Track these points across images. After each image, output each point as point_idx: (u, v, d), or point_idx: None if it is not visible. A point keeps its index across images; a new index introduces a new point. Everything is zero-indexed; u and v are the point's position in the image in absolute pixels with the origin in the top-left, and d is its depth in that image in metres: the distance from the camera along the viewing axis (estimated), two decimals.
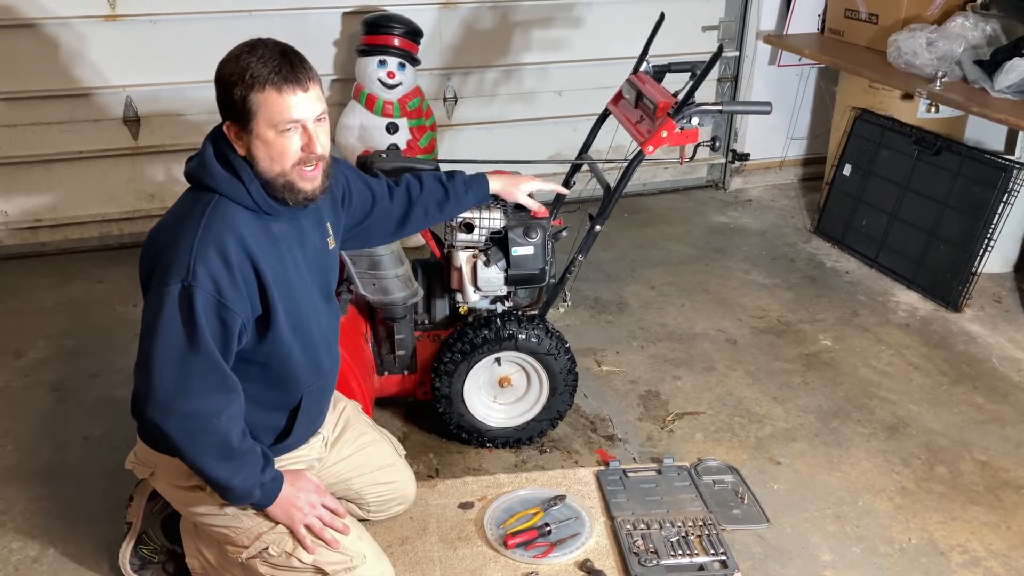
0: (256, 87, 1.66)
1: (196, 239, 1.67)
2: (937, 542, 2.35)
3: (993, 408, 2.93)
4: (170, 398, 1.66)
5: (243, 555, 1.91)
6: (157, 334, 1.65)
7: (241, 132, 1.71)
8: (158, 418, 1.67)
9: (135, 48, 3.83)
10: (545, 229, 2.56)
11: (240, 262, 1.70)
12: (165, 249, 1.68)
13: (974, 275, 3.52)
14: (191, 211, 1.72)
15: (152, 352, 1.65)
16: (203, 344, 1.66)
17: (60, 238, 4.10)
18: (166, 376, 1.66)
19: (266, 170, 1.73)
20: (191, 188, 1.80)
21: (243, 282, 1.71)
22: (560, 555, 2.26)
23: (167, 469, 1.90)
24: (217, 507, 1.88)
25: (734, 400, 2.97)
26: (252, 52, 1.69)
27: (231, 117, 1.71)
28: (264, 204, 1.76)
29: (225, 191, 1.73)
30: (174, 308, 1.64)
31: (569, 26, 4.35)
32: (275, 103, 1.67)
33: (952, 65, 3.65)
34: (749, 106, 2.63)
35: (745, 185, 4.97)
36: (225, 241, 1.68)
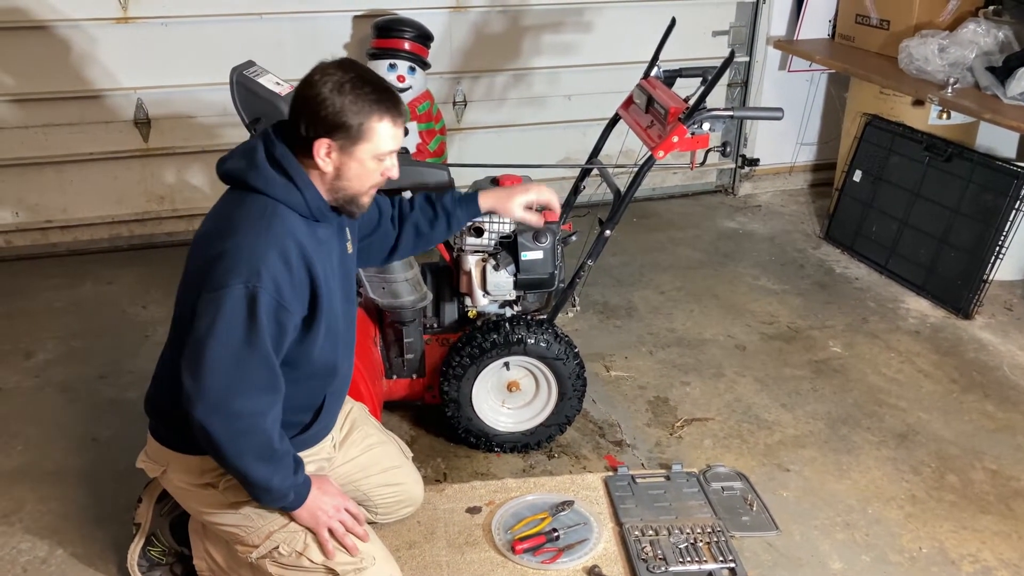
0: (374, 117, 1.73)
1: (259, 242, 1.69)
2: (948, 551, 2.34)
3: (1004, 416, 2.91)
4: (221, 397, 1.67)
5: (253, 555, 1.91)
6: (214, 334, 1.65)
7: (339, 152, 1.75)
8: (206, 417, 1.67)
9: (146, 50, 3.84)
10: (555, 234, 2.56)
11: (298, 265, 1.73)
12: (226, 251, 1.69)
13: (985, 282, 3.50)
14: (249, 215, 1.74)
15: (207, 352, 1.66)
16: (261, 345, 1.68)
17: (70, 239, 4.11)
18: (220, 376, 1.66)
19: (346, 188, 1.80)
20: (235, 189, 1.81)
21: (300, 284, 1.75)
22: (568, 561, 2.25)
23: (179, 467, 1.90)
24: (227, 506, 1.88)
25: (743, 406, 2.96)
26: (364, 81, 1.73)
27: (333, 136, 1.72)
28: (318, 211, 1.80)
29: (280, 196, 1.76)
30: (236, 309, 1.66)
31: (579, 30, 4.35)
32: (386, 135, 1.75)
33: (964, 71, 3.63)
34: (761, 112, 2.62)
35: (755, 190, 4.96)
36: (286, 245, 1.72)
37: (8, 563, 2.26)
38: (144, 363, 3.17)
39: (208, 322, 1.66)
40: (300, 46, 3.99)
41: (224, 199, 1.83)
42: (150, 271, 3.90)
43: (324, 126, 1.71)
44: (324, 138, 1.73)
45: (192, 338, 1.68)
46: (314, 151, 1.74)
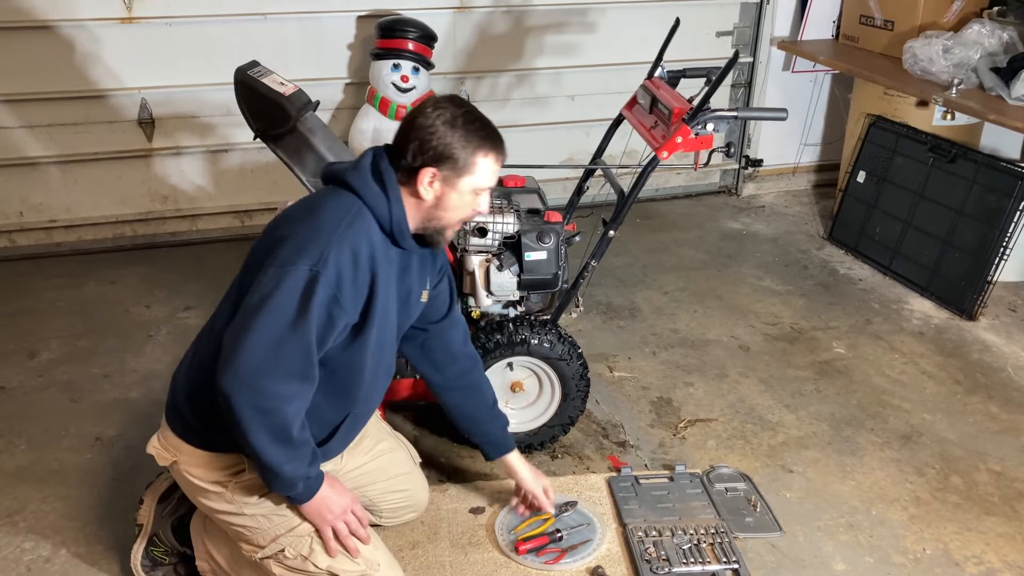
0: (481, 152, 1.81)
1: (337, 232, 1.73)
2: (952, 553, 2.33)
3: (1008, 418, 2.91)
4: (253, 370, 1.67)
5: (258, 555, 1.90)
6: (266, 308, 1.67)
7: (442, 182, 1.81)
8: (232, 386, 1.67)
9: (150, 50, 3.85)
10: (558, 234, 2.56)
11: (364, 268, 1.77)
12: (302, 232, 1.74)
13: (989, 284, 3.50)
14: (337, 207, 1.78)
15: (255, 323, 1.67)
16: (307, 329, 1.69)
17: (74, 239, 4.12)
18: (259, 349, 1.67)
19: (440, 217, 1.86)
20: (331, 185, 1.87)
21: (360, 287, 1.77)
22: (571, 561, 2.25)
23: (191, 461, 1.89)
24: (235, 505, 1.88)
25: (747, 407, 2.95)
26: (475, 118, 1.81)
27: (440, 166, 1.79)
28: (398, 230, 1.83)
29: (370, 203, 1.80)
30: (294, 287, 1.68)
31: (583, 31, 4.34)
32: (489, 171, 1.84)
33: (968, 72, 3.63)
34: (764, 112, 2.62)
35: (758, 191, 4.95)
36: (360, 244, 1.76)
37: (12, 562, 2.26)
38: (147, 363, 3.18)
39: (264, 294, 1.68)
40: (304, 46, 3.99)
41: (319, 193, 1.89)
42: (154, 271, 3.91)
43: (433, 156, 1.78)
44: (431, 167, 1.79)
45: (244, 306, 1.70)
46: (419, 178, 1.79)
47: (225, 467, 1.87)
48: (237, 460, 1.87)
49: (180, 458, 1.90)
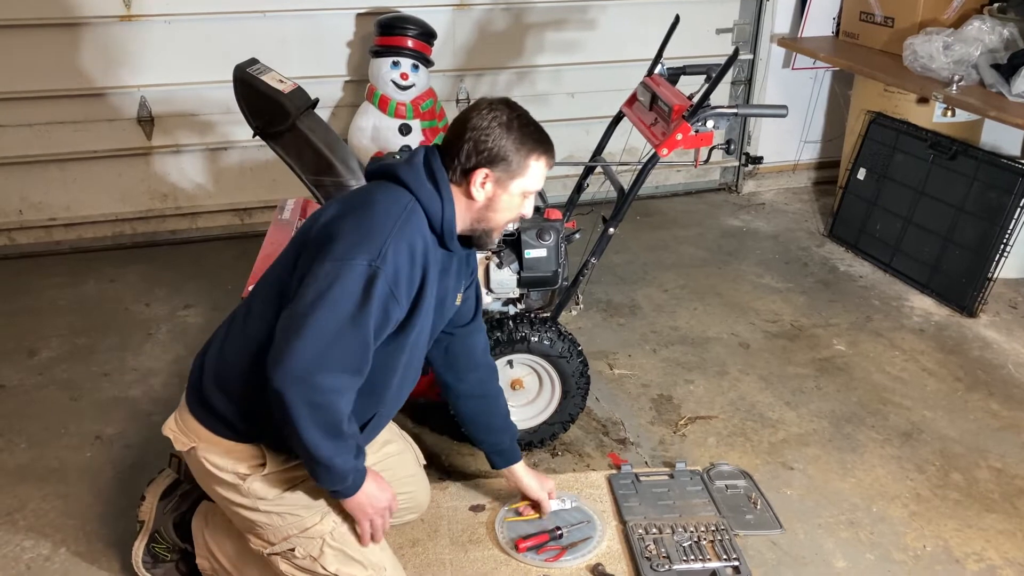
0: (535, 155, 1.84)
1: (395, 227, 1.73)
2: (952, 550, 2.33)
3: (1009, 415, 2.91)
4: (309, 367, 1.66)
5: (267, 550, 1.90)
6: (324, 303, 1.66)
7: (495, 184, 1.83)
8: (285, 382, 1.65)
9: (149, 48, 3.85)
10: (558, 231, 2.56)
11: (419, 264, 1.78)
12: (357, 226, 1.73)
13: (989, 280, 3.49)
14: (392, 202, 1.79)
15: (312, 318, 1.65)
16: (366, 324, 1.69)
17: (74, 237, 4.12)
18: (315, 344, 1.66)
19: (490, 219, 1.88)
20: (381, 180, 1.86)
21: (413, 283, 1.78)
22: (571, 559, 2.25)
23: (210, 447, 1.87)
24: (250, 500, 1.86)
25: (747, 405, 2.95)
26: (528, 121, 1.85)
27: (493, 167, 1.81)
28: (448, 230, 1.84)
29: (424, 201, 1.81)
30: (354, 282, 1.67)
31: (583, 28, 4.34)
32: (539, 174, 1.87)
33: (969, 69, 3.62)
34: (765, 109, 2.61)
35: (758, 188, 4.95)
36: (415, 240, 1.77)
37: (12, 560, 2.26)
38: (147, 361, 3.17)
39: (321, 289, 1.66)
40: (303, 44, 3.99)
41: (370, 187, 1.88)
42: (153, 269, 3.90)
43: (488, 157, 1.80)
44: (485, 168, 1.81)
45: (299, 302, 1.68)
46: (472, 178, 1.81)
47: (246, 459, 1.86)
48: (259, 453, 1.86)
49: (199, 444, 1.88)
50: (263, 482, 1.85)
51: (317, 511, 1.90)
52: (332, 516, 1.91)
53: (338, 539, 1.90)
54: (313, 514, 1.89)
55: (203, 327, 3.40)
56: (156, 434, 2.70)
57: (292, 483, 1.88)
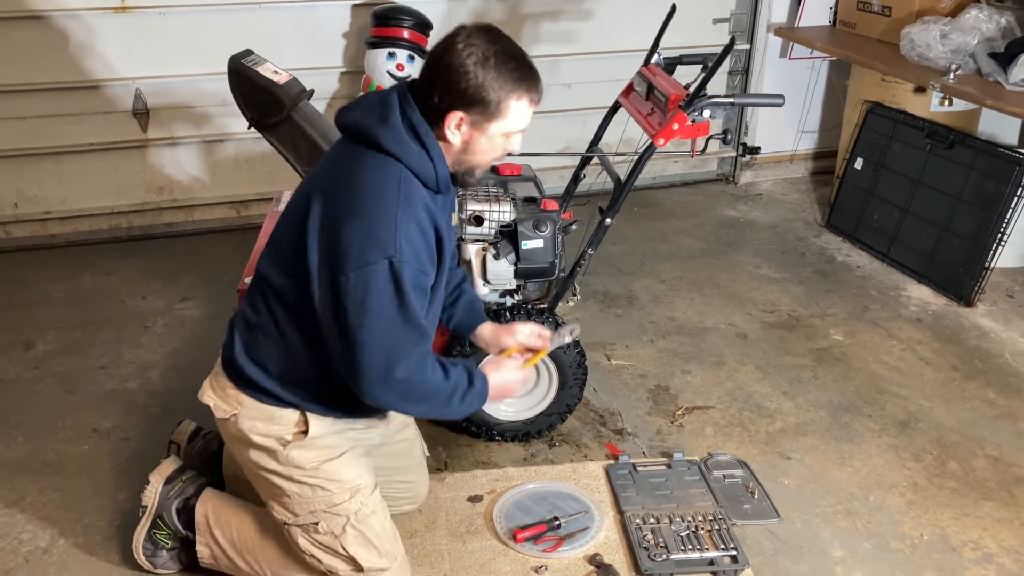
0: (515, 95, 1.70)
1: (398, 211, 1.67)
2: (949, 538, 2.33)
3: (1006, 404, 2.91)
4: (383, 371, 1.69)
5: (291, 520, 1.92)
6: (368, 312, 1.66)
7: (470, 127, 1.73)
8: (372, 391, 1.72)
9: (144, 40, 3.83)
10: (555, 222, 2.55)
11: (430, 230, 1.74)
12: (363, 224, 1.66)
13: (987, 269, 3.49)
14: (383, 181, 1.70)
15: (363, 332, 1.67)
16: (412, 312, 1.69)
17: (70, 230, 4.10)
18: (379, 351, 1.68)
19: (469, 160, 1.80)
20: (357, 143, 1.76)
21: (432, 249, 1.76)
22: (569, 549, 2.25)
23: (253, 414, 1.88)
24: (286, 468, 1.88)
25: (744, 395, 2.95)
26: (509, 56, 1.70)
27: (468, 110, 1.70)
28: (443, 182, 1.78)
29: (411, 163, 1.73)
30: (385, 283, 1.66)
31: (579, 18, 4.32)
32: (523, 114, 1.74)
33: (966, 58, 3.62)
34: (761, 98, 2.61)
35: (755, 179, 4.94)
36: (420, 212, 1.71)
37: (10, 553, 2.26)
38: (144, 354, 3.17)
39: (359, 301, 1.66)
40: (298, 35, 3.97)
41: (344, 156, 1.78)
42: (149, 262, 3.90)
43: (462, 99, 1.68)
44: (459, 111, 1.69)
45: (343, 319, 1.67)
46: (446, 122, 1.71)
47: (290, 425, 1.88)
48: (301, 419, 1.88)
49: (241, 411, 1.89)
50: (302, 450, 1.87)
51: (347, 490, 1.91)
52: (360, 497, 1.93)
53: (360, 521, 1.93)
54: (343, 492, 1.91)
55: (200, 320, 3.40)
56: (153, 426, 2.72)
57: (330, 456, 1.90)
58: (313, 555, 1.93)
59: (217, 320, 3.38)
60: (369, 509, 1.94)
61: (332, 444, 1.91)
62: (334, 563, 1.93)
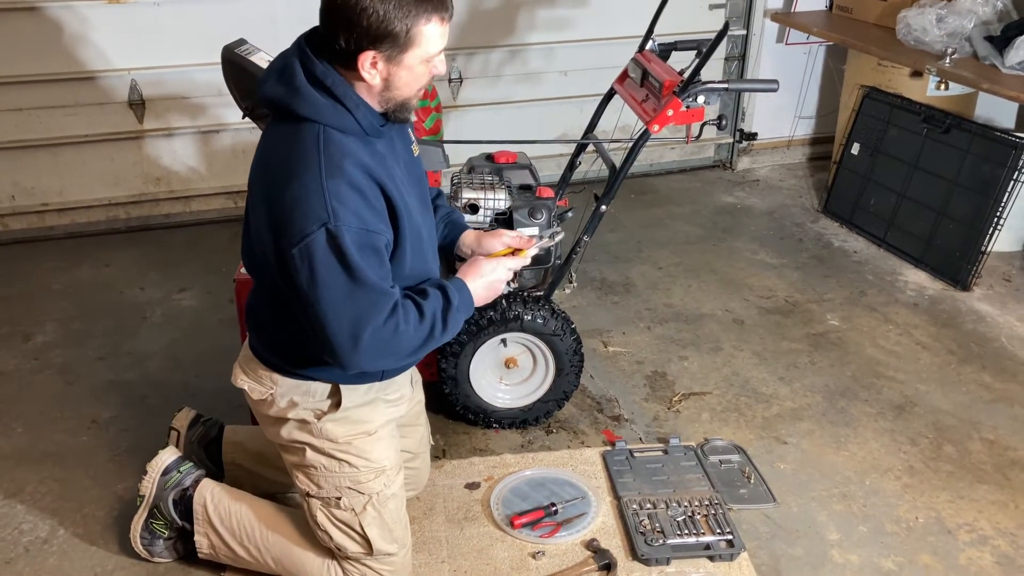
0: (422, 19, 1.62)
1: (323, 178, 1.62)
2: (944, 521, 2.35)
3: (1001, 387, 2.92)
4: (350, 339, 1.66)
5: (313, 492, 1.94)
6: (318, 284, 1.63)
7: (386, 63, 1.65)
8: (350, 361, 1.69)
9: (139, 31, 3.82)
10: (550, 210, 2.56)
11: (369, 186, 1.67)
12: (294, 197, 1.62)
13: (983, 254, 3.49)
14: (303, 149, 1.65)
15: (320, 305, 1.64)
16: (364, 275, 1.64)
17: (67, 222, 4.11)
18: (338, 321, 1.65)
19: (396, 96, 1.71)
20: (279, 119, 1.72)
21: (378, 205, 1.69)
22: (566, 535, 2.26)
23: (289, 391, 1.90)
24: (318, 440, 1.90)
25: (741, 380, 2.96)
26: None
27: (379, 47, 1.62)
28: (371, 128, 1.71)
29: (329, 120, 1.67)
30: (326, 253, 1.61)
31: (575, 5, 4.31)
32: (435, 36, 1.66)
33: (962, 41, 3.61)
34: (755, 84, 2.61)
35: (753, 165, 4.94)
36: (350, 171, 1.64)
37: (10, 544, 2.28)
38: (142, 344, 3.18)
39: (307, 276, 1.63)
40: (292, 24, 3.92)
41: (271, 131, 1.76)
42: (147, 253, 3.90)
43: (368, 37, 1.60)
44: (369, 50, 1.62)
45: (299, 297, 1.66)
46: (359, 64, 1.63)
47: (323, 396, 1.91)
48: (335, 390, 1.91)
49: (277, 390, 1.91)
50: (336, 423, 1.90)
51: (373, 469, 1.94)
52: (383, 479, 1.96)
53: (379, 503, 1.96)
54: (369, 470, 1.94)
55: (198, 310, 3.41)
56: (152, 417, 2.73)
57: (363, 431, 1.93)
58: (326, 531, 1.96)
59: (215, 310, 3.39)
60: (390, 491, 1.98)
61: (365, 418, 1.94)
62: (345, 542, 1.96)
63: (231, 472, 2.30)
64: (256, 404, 1.97)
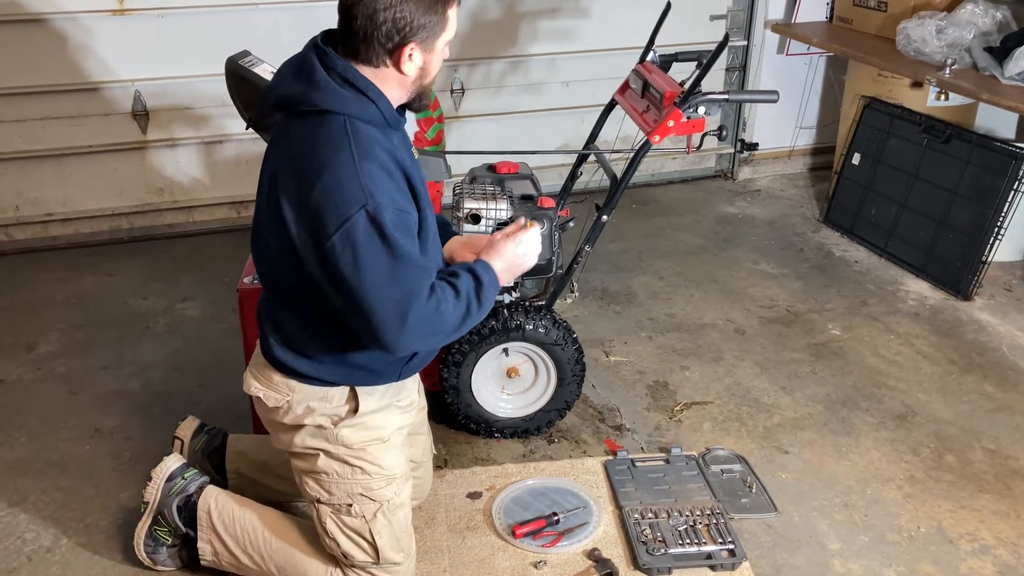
0: (448, 5, 1.74)
1: (356, 162, 1.66)
2: (946, 530, 2.35)
3: (1003, 397, 2.92)
4: (400, 320, 1.68)
5: (324, 498, 1.95)
6: (361, 269, 1.64)
7: (421, 51, 1.73)
8: (401, 344, 1.71)
9: (143, 42, 3.84)
10: (552, 220, 2.57)
11: (396, 170, 1.72)
12: (328, 187, 1.65)
13: (984, 264, 3.50)
14: (330, 138, 1.69)
15: (364, 290, 1.65)
16: (406, 253, 1.67)
17: (71, 232, 4.12)
18: (388, 305, 1.67)
19: (424, 84, 1.81)
20: (297, 115, 1.75)
21: (404, 188, 1.74)
22: (568, 544, 2.26)
23: (306, 397, 1.90)
24: (333, 446, 1.91)
25: (742, 390, 2.96)
26: None
27: (418, 38, 1.71)
28: (392, 119, 1.77)
29: (353, 111, 1.71)
30: (367, 235, 1.64)
31: (576, 16, 4.34)
32: (454, 19, 1.78)
33: (962, 52, 3.62)
34: (756, 95, 2.63)
35: (754, 175, 4.95)
36: (380, 155, 1.70)
37: (14, 553, 2.28)
38: (146, 354, 3.19)
39: (350, 260, 1.64)
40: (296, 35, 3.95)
41: (288, 131, 1.77)
42: (151, 263, 3.91)
43: (411, 31, 1.69)
44: (410, 42, 1.70)
45: (342, 286, 1.67)
46: (400, 57, 1.71)
47: (340, 402, 1.91)
48: (351, 395, 1.92)
49: (293, 397, 1.91)
50: (352, 429, 1.91)
51: (385, 476, 1.96)
52: (394, 487, 1.98)
53: (389, 511, 1.98)
54: (381, 478, 1.95)
55: (201, 320, 3.42)
56: (155, 426, 2.74)
57: (377, 438, 1.94)
58: (335, 538, 1.96)
59: (218, 320, 3.40)
60: (400, 500, 1.99)
61: (380, 424, 1.95)
62: (352, 550, 1.97)
63: (234, 481, 2.30)
64: (270, 412, 1.97)
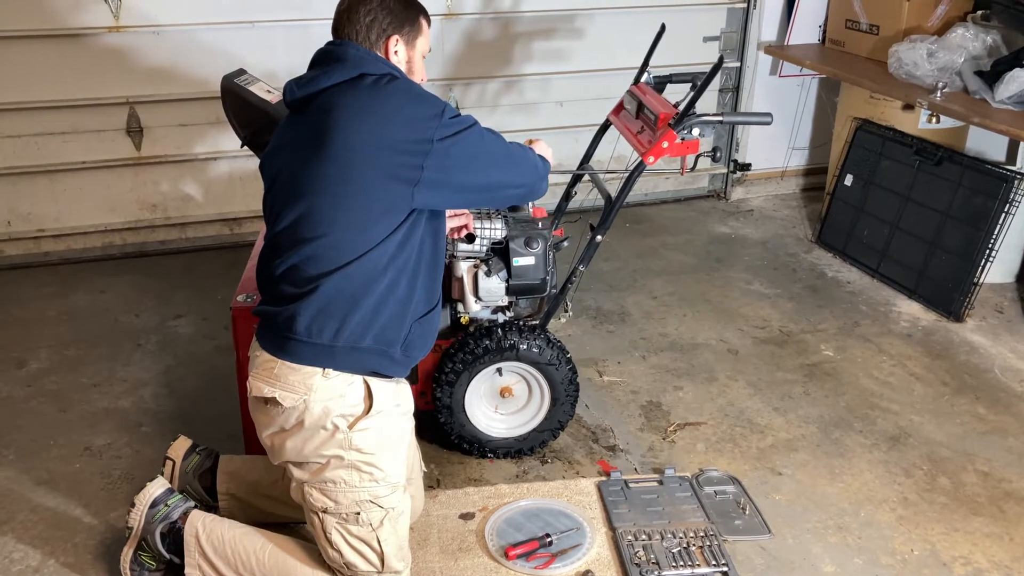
0: (421, 16, 2.03)
1: (416, 88, 1.93)
2: (939, 553, 2.34)
3: (995, 419, 2.93)
4: (532, 167, 2.11)
5: (332, 508, 1.95)
6: (473, 146, 1.92)
7: (406, 45, 2.00)
8: (543, 181, 2.17)
9: (138, 59, 3.85)
10: (546, 239, 2.57)
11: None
12: (404, 104, 1.87)
13: (976, 285, 3.52)
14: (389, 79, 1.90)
15: (492, 160, 1.98)
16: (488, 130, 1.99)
17: (63, 248, 4.11)
18: (515, 157, 2.06)
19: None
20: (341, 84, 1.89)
21: None
22: (561, 566, 2.25)
23: (323, 395, 1.90)
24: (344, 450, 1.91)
25: (736, 410, 2.96)
26: None
27: (401, 31, 1.98)
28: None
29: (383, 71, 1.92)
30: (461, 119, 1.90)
31: (571, 37, 4.36)
32: (427, 32, 2.06)
33: (953, 76, 3.66)
34: (750, 117, 2.64)
35: (747, 195, 4.98)
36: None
37: (1, 572, 2.26)
38: (137, 372, 3.17)
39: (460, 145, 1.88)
40: (291, 54, 3.99)
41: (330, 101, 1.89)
42: (143, 279, 3.90)
43: (394, 24, 1.95)
44: (395, 34, 1.96)
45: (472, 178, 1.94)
46: (387, 48, 1.96)
47: (357, 399, 1.92)
48: (367, 391, 1.93)
49: (311, 396, 1.89)
50: (365, 433, 1.92)
51: (391, 484, 1.98)
52: (397, 495, 2.00)
53: (394, 519, 1.99)
54: (387, 485, 1.97)
55: (193, 337, 3.40)
56: (146, 445, 2.72)
57: (388, 443, 1.96)
58: (339, 549, 1.97)
59: (210, 338, 3.39)
60: (402, 508, 2.01)
61: (389, 427, 1.97)
62: (355, 559, 1.97)
63: (225, 502, 2.29)
64: (280, 417, 1.93)
